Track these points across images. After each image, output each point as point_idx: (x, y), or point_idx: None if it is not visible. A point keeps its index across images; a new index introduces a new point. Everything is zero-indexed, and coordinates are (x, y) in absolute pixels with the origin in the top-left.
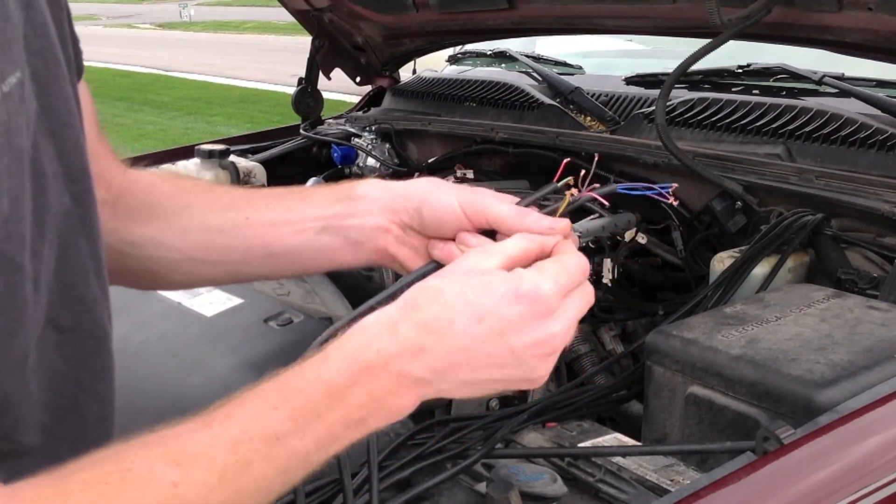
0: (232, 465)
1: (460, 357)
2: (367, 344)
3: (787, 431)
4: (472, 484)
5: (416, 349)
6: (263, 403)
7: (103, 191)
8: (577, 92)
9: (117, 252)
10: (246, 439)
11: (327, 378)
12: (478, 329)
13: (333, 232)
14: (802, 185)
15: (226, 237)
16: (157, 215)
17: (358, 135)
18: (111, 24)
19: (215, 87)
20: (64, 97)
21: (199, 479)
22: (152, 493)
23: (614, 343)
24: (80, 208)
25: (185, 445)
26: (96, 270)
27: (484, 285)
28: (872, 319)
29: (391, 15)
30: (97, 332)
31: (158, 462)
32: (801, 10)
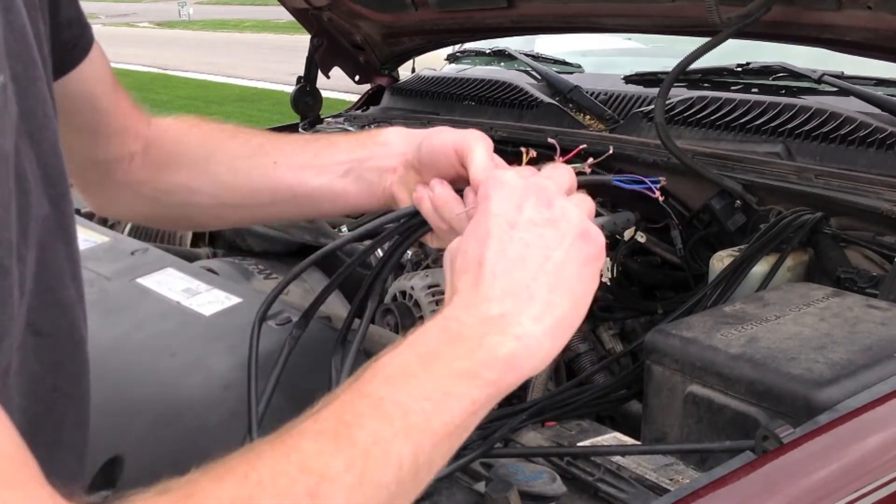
0: (343, 427)
1: (517, 270)
2: (433, 322)
3: (786, 430)
4: (470, 483)
5: (473, 287)
6: (353, 387)
7: (131, 142)
8: (576, 90)
9: (151, 200)
10: (348, 403)
11: (410, 352)
12: (510, 234)
13: (354, 175)
14: (802, 183)
15: (254, 180)
16: (186, 163)
17: None
18: (110, 22)
19: (214, 86)
20: (41, 100)
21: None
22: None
23: (613, 342)
24: (57, 212)
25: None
26: (72, 274)
27: (500, 200)
28: (872, 318)
29: (390, 13)
30: (74, 335)
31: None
32: (800, 8)
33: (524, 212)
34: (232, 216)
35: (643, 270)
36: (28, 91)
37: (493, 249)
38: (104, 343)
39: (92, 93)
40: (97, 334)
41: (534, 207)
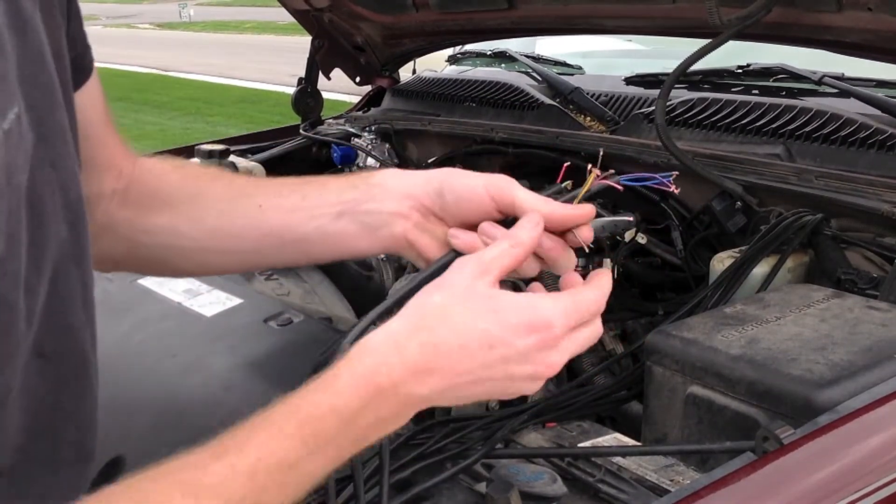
0: (249, 493)
1: (465, 378)
2: (376, 367)
3: (786, 431)
4: (472, 484)
5: (424, 371)
6: (277, 431)
7: (113, 180)
8: (576, 92)
9: (129, 241)
10: (261, 467)
11: (340, 404)
12: (486, 355)
13: (350, 218)
14: (802, 185)
15: (238, 225)
16: (169, 204)
17: (358, 135)
18: (111, 24)
19: (215, 87)
20: (60, 126)
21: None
22: None
23: (614, 343)
24: (74, 235)
25: (201, 477)
26: (84, 298)
27: (494, 312)
28: (872, 319)
29: (391, 15)
30: (80, 357)
31: (177, 496)
32: (800, 10)
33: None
34: (215, 262)
35: (644, 271)
36: (46, 119)
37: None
38: (105, 343)
39: (85, 119)
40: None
41: (535, 351)
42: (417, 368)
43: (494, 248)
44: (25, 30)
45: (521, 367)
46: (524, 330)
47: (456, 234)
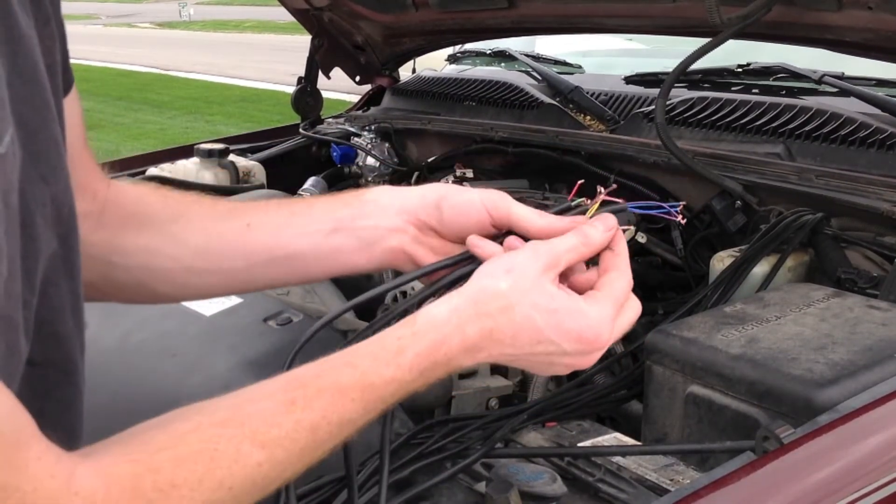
0: (310, 445)
1: (507, 359)
2: (439, 346)
3: (786, 431)
4: (471, 483)
5: (476, 349)
6: (342, 396)
7: (88, 202)
8: (576, 91)
9: (105, 263)
10: (324, 424)
11: (400, 377)
12: (533, 348)
13: (345, 233)
14: (802, 184)
15: (225, 244)
16: (149, 224)
17: (357, 134)
18: (111, 23)
19: (215, 87)
20: (53, 141)
21: (281, 458)
22: (239, 473)
23: (614, 342)
24: (64, 248)
25: (269, 428)
26: (73, 308)
27: (552, 314)
28: (872, 319)
29: (391, 14)
30: (67, 366)
31: (246, 443)
32: (800, 9)
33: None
34: (198, 283)
35: (644, 271)
36: (38, 135)
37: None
38: (106, 343)
39: None
40: (99, 335)
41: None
42: (471, 347)
43: (567, 242)
44: (19, 45)
45: (561, 359)
46: (574, 338)
47: (478, 243)
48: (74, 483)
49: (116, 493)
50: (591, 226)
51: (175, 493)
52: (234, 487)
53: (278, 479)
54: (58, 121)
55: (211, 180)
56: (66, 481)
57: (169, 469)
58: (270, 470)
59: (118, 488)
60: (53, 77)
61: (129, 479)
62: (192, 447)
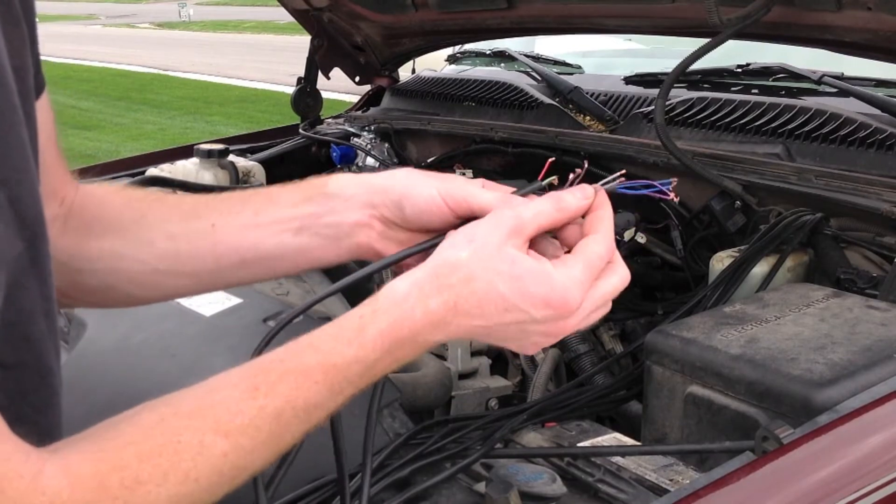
0: (275, 431)
1: (479, 332)
2: (401, 321)
3: (786, 431)
4: (471, 484)
5: (443, 323)
6: (306, 378)
7: (56, 206)
8: (576, 91)
9: (72, 270)
10: (289, 408)
11: (364, 356)
12: (501, 317)
13: (311, 232)
14: (802, 184)
15: (193, 245)
16: (112, 227)
17: (357, 134)
18: (110, 23)
19: (214, 87)
20: (18, 145)
21: (246, 446)
22: (205, 464)
23: (614, 343)
24: (32, 250)
25: (233, 417)
26: (45, 310)
27: (515, 280)
28: (872, 319)
29: (390, 14)
30: (41, 369)
31: (209, 434)
32: (800, 9)
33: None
34: (170, 284)
35: (643, 271)
36: (4, 138)
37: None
38: (105, 344)
39: None
40: (98, 336)
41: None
42: (437, 321)
43: (535, 207)
44: None
45: (535, 328)
46: (541, 303)
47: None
48: (41, 482)
49: (81, 493)
50: (569, 192)
51: (141, 489)
52: (200, 479)
53: (247, 469)
54: (25, 124)
55: (210, 181)
56: (33, 480)
57: (134, 465)
58: (237, 459)
59: (83, 487)
60: (23, 80)
61: (95, 478)
62: (156, 441)
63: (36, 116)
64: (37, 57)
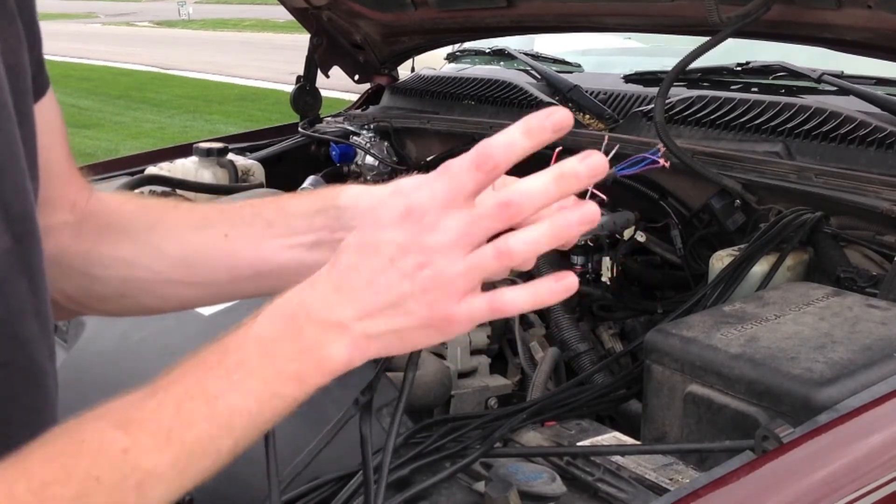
0: (177, 426)
1: (369, 294)
2: (290, 298)
3: (786, 430)
4: (470, 483)
5: (332, 293)
6: (201, 365)
7: (66, 212)
8: (575, 90)
9: (85, 276)
10: (187, 399)
11: (255, 333)
12: (374, 261)
13: (328, 247)
14: (801, 183)
15: (206, 256)
16: (126, 235)
17: (356, 133)
18: (109, 21)
19: (214, 86)
20: (4, 141)
21: (146, 443)
22: (105, 462)
23: (613, 342)
24: (21, 247)
25: (132, 413)
26: (36, 309)
27: (373, 220)
28: (872, 318)
29: (390, 13)
30: (32, 369)
31: (108, 430)
32: (800, 7)
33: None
34: (180, 294)
35: (643, 270)
36: None
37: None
38: (104, 343)
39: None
40: (97, 335)
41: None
42: (325, 293)
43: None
44: None
45: (406, 260)
46: (393, 223)
47: None
48: None
49: None
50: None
51: (47, 492)
52: (101, 477)
53: (152, 470)
54: (16, 121)
55: (210, 179)
56: None
57: (38, 469)
58: (138, 457)
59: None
60: (18, 78)
61: (4, 485)
62: (61, 441)
63: (33, 116)
64: (39, 57)
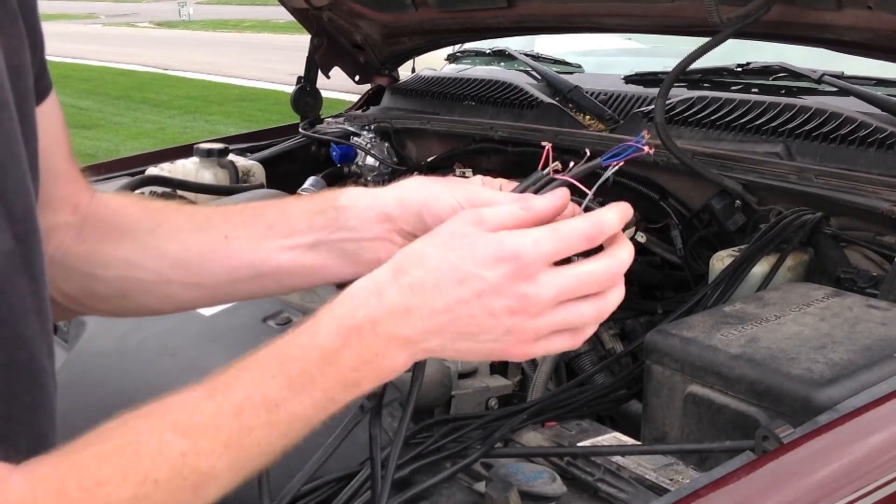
0: (236, 431)
1: (444, 318)
2: (354, 309)
3: (786, 430)
4: (471, 483)
5: (402, 311)
6: (262, 372)
7: (69, 213)
8: (576, 90)
9: (86, 276)
10: (248, 406)
11: (319, 343)
12: (459, 291)
13: (326, 247)
14: (802, 183)
15: (206, 258)
16: (128, 235)
17: (357, 133)
18: (110, 22)
19: (214, 86)
20: (7, 140)
21: (205, 447)
22: (164, 465)
23: (613, 342)
24: (22, 248)
25: (191, 416)
26: (37, 309)
27: (466, 247)
28: (872, 318)
29: (390, 13)
30: (32, 368)
31: (167, 433)
32: (800, 8)
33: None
34: (182, 295)
35: (643, 270)
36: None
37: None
38: (104, 343)
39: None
40: (97, 335)
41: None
42: (395, 308)
43: (498, 206)
44: None
45: (496, 301)
46: (492, 261)
47: None
48: (5, 491)
49: (42, 496)
50: (538, 196)
51: (100, 491)
52: (159, 480)
53: (210, 474)
54: (17, 120)
55: (210, 180)
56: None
57: (93, 466)
58: (197, 460)
59: (44, 490)
60: (19, 78)
61: (55, 481)
62: (115, 441)
63: (35, 117)
64: (41, 60)
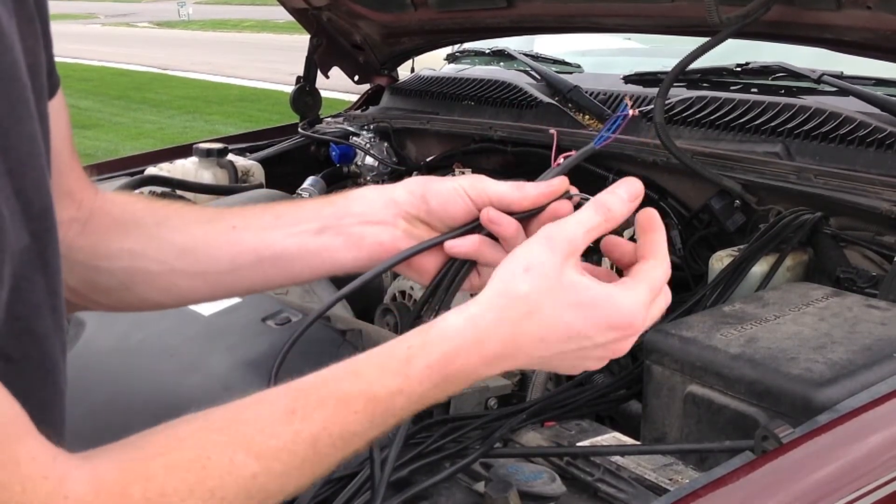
0: (311, 457)
1: (537, 362)
2: (452, 358)
3: (786, 430)
4: (470, 483)
5: (500, 359)
6: (345, 407)
7: (73, 209)
8: (575, 90)
9: (88, 268)
10: (325, 435)
11: (409, 389)
12: (564, 346)
13: (333, 231)
14: (801, 183)
15: (212, 245)
16: (134, 228)
17: (356, 133)
18: (109, 22)
19: (213, 86)
20: (28, 137)
21: (278, 470)
22: (232, 484)
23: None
24: (39, 245)
25: (266, 439)
26: (51, 306)
27: (580, 308)
28: (871, 318)
29: (389, 13)
30: (46, 364)
31: (240, 453)
32: (799, 8)
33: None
34: (185, 285)
35: None
36: (11, 130)
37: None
38: (104, 343)
39: None
40: (97, 335)
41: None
42: (492, 359)
43: (585, 223)
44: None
45: (595, 352)
46: (606, 327)
47: (495, 218)
48: (66, 486)
49: (105, 500)
50: (612, 193)
51: (164, 502)
52: (226, 498)
53: (277, 493)
54: (37, 119)
55: (210, 180)
56: (58, 484)
57: (160, 477)
58: (267, 482)
59: (107, 495)
60: (36, 77)
61: (119, 486)
62: (185, 454)
63: (48, 115)
64: (50, 57)
